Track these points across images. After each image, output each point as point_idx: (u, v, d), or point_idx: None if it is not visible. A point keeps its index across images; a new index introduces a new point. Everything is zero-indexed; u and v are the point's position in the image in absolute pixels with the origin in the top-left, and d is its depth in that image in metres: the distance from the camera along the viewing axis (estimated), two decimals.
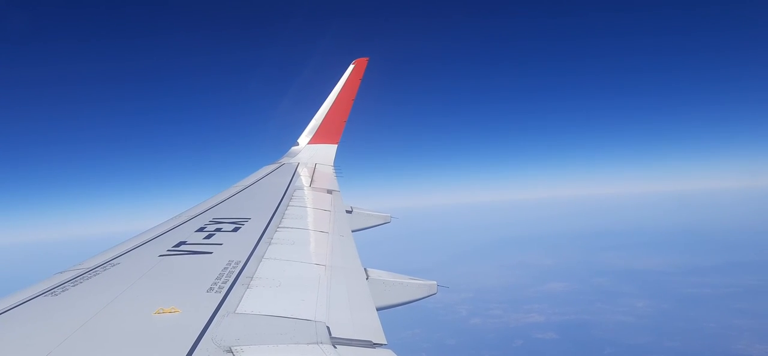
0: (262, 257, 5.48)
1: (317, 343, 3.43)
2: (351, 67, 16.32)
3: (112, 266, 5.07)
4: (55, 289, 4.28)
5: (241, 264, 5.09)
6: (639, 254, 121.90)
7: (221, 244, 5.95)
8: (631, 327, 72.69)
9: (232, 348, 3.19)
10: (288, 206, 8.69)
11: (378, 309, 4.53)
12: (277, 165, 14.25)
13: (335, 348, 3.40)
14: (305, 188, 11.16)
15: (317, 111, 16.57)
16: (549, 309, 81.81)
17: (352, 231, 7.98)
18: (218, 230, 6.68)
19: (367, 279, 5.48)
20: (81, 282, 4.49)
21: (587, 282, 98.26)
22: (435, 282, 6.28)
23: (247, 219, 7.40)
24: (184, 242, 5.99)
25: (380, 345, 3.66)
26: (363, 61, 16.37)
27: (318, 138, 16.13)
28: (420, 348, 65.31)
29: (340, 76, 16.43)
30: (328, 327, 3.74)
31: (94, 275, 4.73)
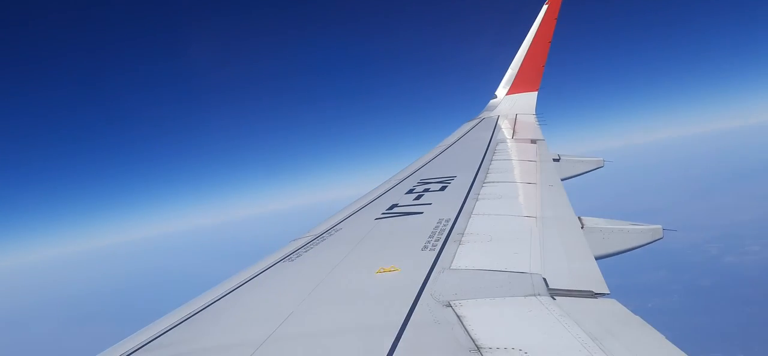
0: (471, 213, 5.54)
1: (535, 295, 3.36)
2: (544, 7, 15.41)
3: (336, 231, 5.58)
4: (291, 255, 4.87)
5: (452, 222, 5.21)
6: None
7: (430, 204, 6.14)
8: None
9: (450, 303, 3.28)
10: (492, 160, 8.62)
11: (597, 258, 4.29)
12: (477, 121, 14.20)
13: (554, 299, 3.29)
14: (508, 140, 10.96)
15: (512, 60, 16.05)
16: None
17: (562, 180, 7.64)
18: (426, 190, 6.91)
19: (582, 228, 5.21)
20: (312, 248, 5.03)
21: None
22: (660, 226, 5.71)
23: (452, 177, 7.52)
24: (396, 205, 6.32)
25: (602, 294, 3.46)
26: None
27: (516, 88, 15.64)
28: (671, 290, 59.93)
29: (533, 20, 15.63)
30: (544, 279, 3.64)
31: (322, 240, 5.26)
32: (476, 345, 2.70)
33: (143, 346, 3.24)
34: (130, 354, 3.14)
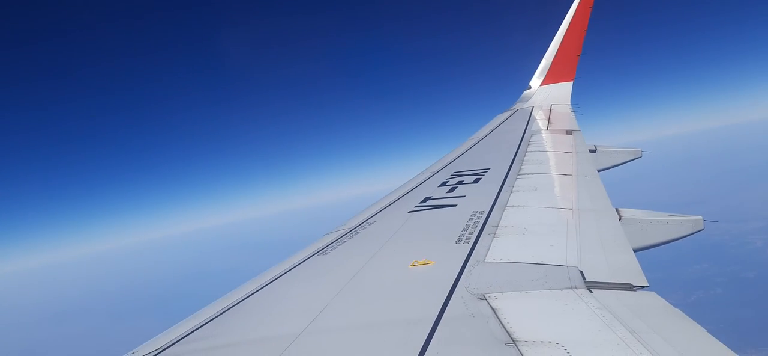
0: (505, 205, 5.49)
1: (571, 288, 3.31)
2: None
3: (369, 224, 5.60)
4: (325, 249, 4.91)
5: (486, 214, 5.17)
6: None
7: (464, 196, 6.11)
8: None
9: (485, 296, 3.26)
10: (526, 151, 8.52)
11: (635, 251, 4.20)
12: (510, 112, 14.04)
13: (591, 292, 3.24)
14: (542, 131, 10.81)
15: (547, 49, 15.77)
16: None
17: (598, 171, 7.50)
18: (460, 183, 6.87)
19: (619, 219, 5.11)
20: (345, 241, 5.06)
21: None
22: (700, 218, 5.56)
23: (486, 170, 7.46)
24: (429, 198, 6.31)
25: (641, 287, 3.39)
26: None
27: (551, 78, 15.38)
28: (714, 283, 58.20)
29: (567, 8, 15.31)
30: (581, 272, 3.59)
31: (356, 234, 5.29)
32: (512, 339, 2.67)
33: (183, 338, 3.31)
34: (171, 345, 3.22)
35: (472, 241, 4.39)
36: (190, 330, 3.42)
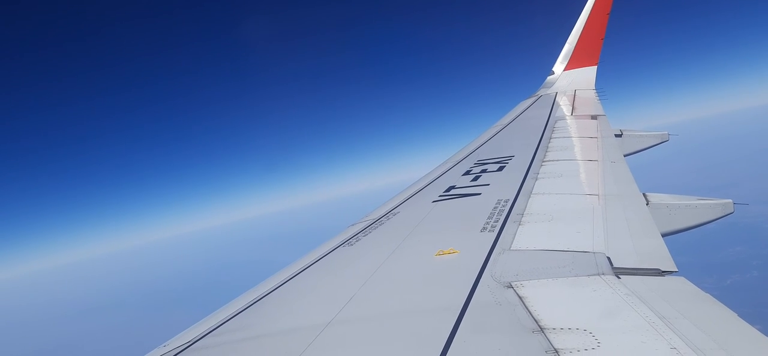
0: (531, 192, 5.46)
1: (599, 274, 3.29)
2: None
3: (394, 215, 5.62)
4: (350, 240, 4.95)
5: (510, 202, 5.15)
6: None
7: (488, 184, 6.09)
8: None
9: (511, 284, 3.25)
10: (551, 138, 8.45)
11: (664, 235, 4.14)
12: (534, 98, 13.90)
13: (619, 278, 3.21)
14: (567, 117, 10.69)
15: (569, 34, 15.55)
16: None
17: (625, 156, 7.41)
18: (484, 171, 6.85)
19: (647, 204, 5.05)
20: (370, 232, 5.09)
21: None
22: (730, 201, 5.46)
23: (510, 157, 7.42)
24: (453, 187, 6.30)
25: (670, 272, 3.35)
26: None
27: (574, 62, 15.16)
28: (749, 266, 56.95)
29: None
30: (608, 258, 3.56)
31: (380, 225, 5.32)
32: (539, 326, 2.67)
33: (214, 330, 3.38)
34: (202, 337, 3.29)
35: (497, 229, 4.38)
36: (220, 322, 3.49)
